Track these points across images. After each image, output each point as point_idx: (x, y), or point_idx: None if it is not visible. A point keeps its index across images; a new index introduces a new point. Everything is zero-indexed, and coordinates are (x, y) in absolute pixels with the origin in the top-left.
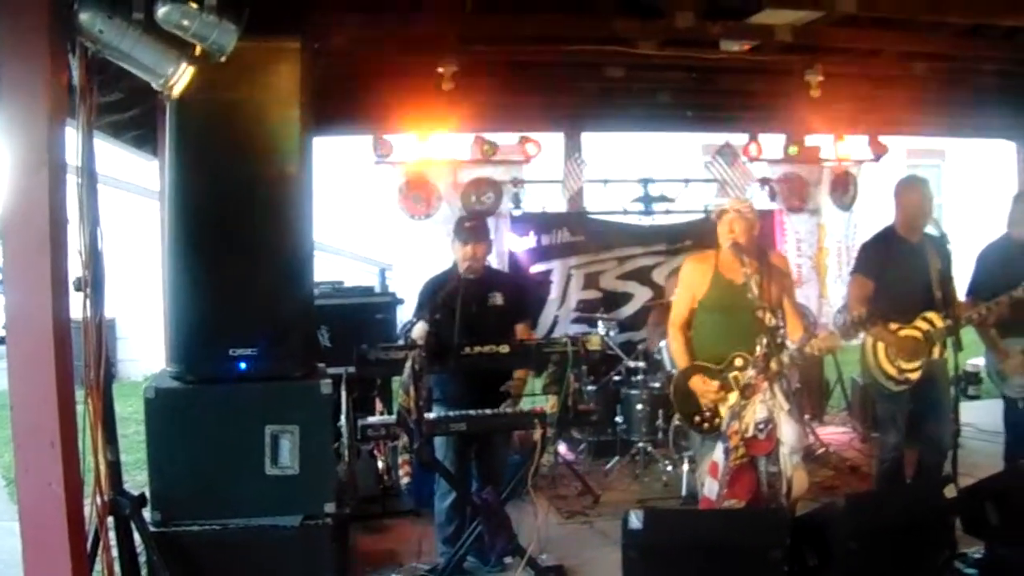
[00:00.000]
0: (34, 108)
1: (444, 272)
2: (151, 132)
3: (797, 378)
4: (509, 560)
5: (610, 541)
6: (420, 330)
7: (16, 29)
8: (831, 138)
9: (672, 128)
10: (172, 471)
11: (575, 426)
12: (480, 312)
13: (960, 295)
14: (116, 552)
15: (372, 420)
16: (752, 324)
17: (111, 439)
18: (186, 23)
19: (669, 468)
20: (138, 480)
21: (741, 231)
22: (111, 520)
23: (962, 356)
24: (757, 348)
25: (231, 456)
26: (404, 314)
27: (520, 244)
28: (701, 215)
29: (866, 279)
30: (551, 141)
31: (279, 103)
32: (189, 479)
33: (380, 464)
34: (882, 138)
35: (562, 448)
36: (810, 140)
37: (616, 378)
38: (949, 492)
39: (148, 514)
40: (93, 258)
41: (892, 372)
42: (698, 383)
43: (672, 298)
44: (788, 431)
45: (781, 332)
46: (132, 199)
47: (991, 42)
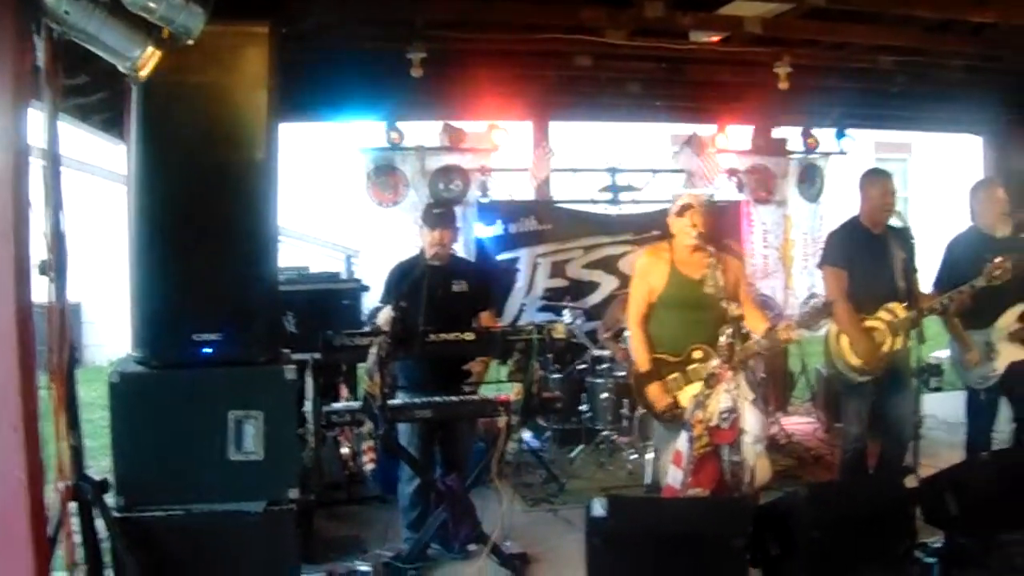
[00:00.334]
0: None
1: (411, 258)
2: (119, 115)
3: (762, 368)
4: (473, 547)
5: (575, 529)
6: (385, 316)
7: None
8: (798, 130)
9: (640, 118)
10: (135, 456)
11: (540, 414)
12: (445, 299)
13: (926, 287)
14: (79, 538)
15: (337, 406)
16: (710, 318)
17: (74, 424)
18: (153, 5)
19: (634, 456)
20: (103, 466)
21: (703, 225)
22: (74, 506)
23: (926, 348)
24: (721, 338)
25: (195, 441)
26: (370, 300)
27: (487, 232)
28: (669, 205)
29: (840, 269)
30: (519, 129)
31: (247, 88)
32: (153, 464)
33: (345, 450)
34: (849, 131)
35: (527, 436)
36: (777, 132)
37: (582, 366)
38: (910, 482)
39: (111, 500)
40: (57, 242)
41: (856, 363)
42: (655, 391)
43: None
44: (752, 420)
45: (741, 323)
46: (100, 183)
47: (959, 37)
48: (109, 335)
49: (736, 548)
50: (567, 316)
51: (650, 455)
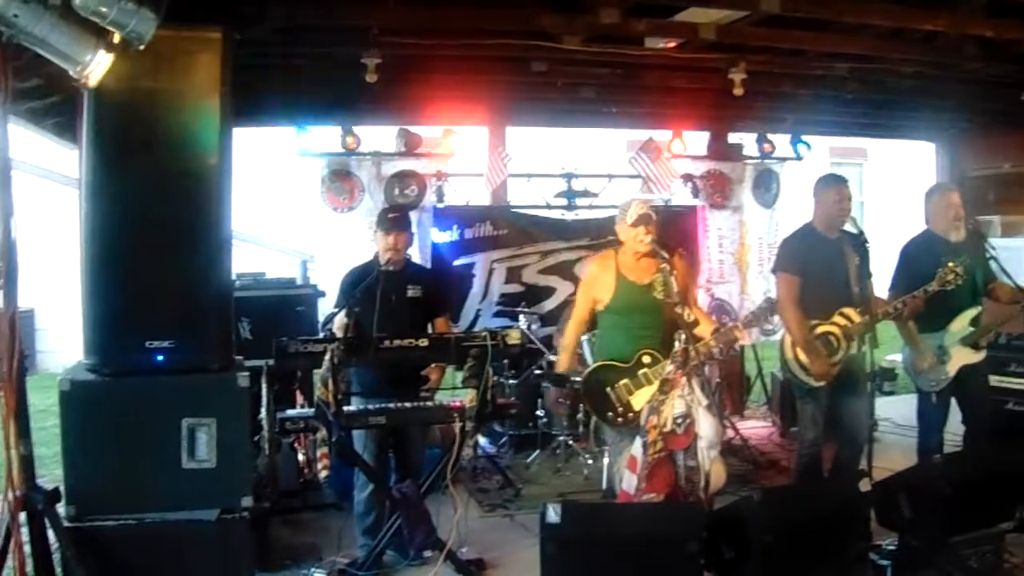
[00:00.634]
0: None
1: (365, 263)
2: (71, 120)
3: (719, 373)
4: (429, 553)
5: (531, 534)
6: (339, 321)
7: None
8: (754, 136)
9: (596, 124)
10: (87, 465)
11: (494, 420)
12: (399, 304)
13: (881, 291)
14: (29, 548)
15: (291, 413)
16: (658, 322)
17: (25, 433)
18: (104, 10)
19: (590, 462)
20: (57, 475)
21: (654, 231)
22: (24, 516)
23: (880, 352)
24: (676, 343)
25: (147, 449)
26: (325, 306)
27: (443, 237)
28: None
29: (792, 276)
30: (475, 135)
31: (199, 93)
32: (104, 473)
33: (301, 457)
34: (805, 137)
35: (483, 441)
36: (733, 137)
37: (537, 372)
38: (864, 485)
39: (63, 509)
40: (7, 248)
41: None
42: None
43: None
44: (706, 426)
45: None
46: (53, 187)
47: (911, 45)
48: (63, 342)
49: (690, 552)
50: (523, 321)
51: (606, 460)
